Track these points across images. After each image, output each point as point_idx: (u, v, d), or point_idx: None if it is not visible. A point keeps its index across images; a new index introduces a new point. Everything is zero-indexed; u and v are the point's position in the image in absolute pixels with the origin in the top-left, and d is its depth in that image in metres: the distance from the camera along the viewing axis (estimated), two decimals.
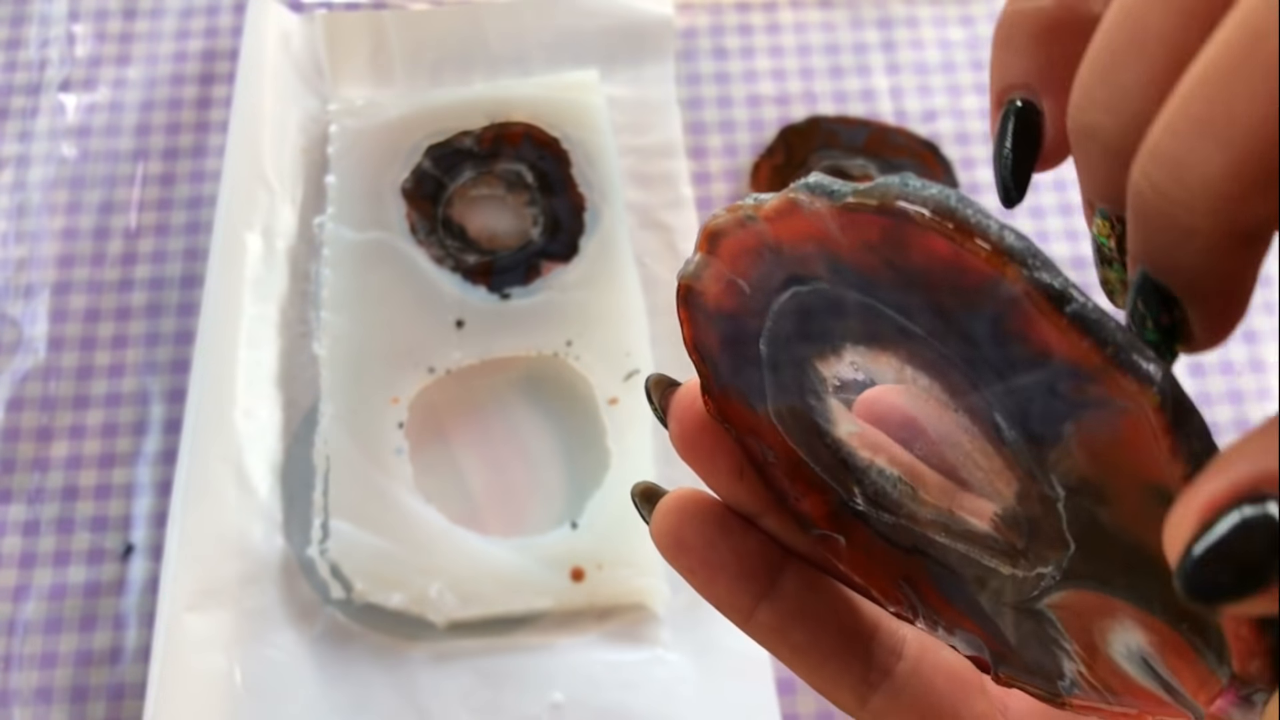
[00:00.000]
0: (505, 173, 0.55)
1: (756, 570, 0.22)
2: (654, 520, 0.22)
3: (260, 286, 0.53)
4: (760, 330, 0.20)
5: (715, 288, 0.20)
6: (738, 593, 0.22)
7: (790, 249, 0.18)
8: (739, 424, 0.22)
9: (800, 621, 0.22)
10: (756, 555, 0.22)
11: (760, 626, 0.22)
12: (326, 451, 0.49)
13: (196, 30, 0.60)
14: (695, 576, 0.22)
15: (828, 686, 0.22)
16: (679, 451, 0.22)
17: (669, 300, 0.53)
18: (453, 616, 0.47)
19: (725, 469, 0.22)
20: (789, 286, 0.19)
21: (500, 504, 0.50)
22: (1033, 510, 0.18)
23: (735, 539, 0.22)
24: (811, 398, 0.20)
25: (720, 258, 0.19)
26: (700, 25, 0.61)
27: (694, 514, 0.22)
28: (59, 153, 0.57)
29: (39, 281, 0.54)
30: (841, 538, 0.22)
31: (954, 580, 0.21)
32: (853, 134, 0.57)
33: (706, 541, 0.22)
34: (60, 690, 0.46)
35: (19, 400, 0.51)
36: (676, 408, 0.22)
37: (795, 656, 0.22)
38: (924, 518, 0.20)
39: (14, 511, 0.49)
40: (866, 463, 0.21)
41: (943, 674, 0.22)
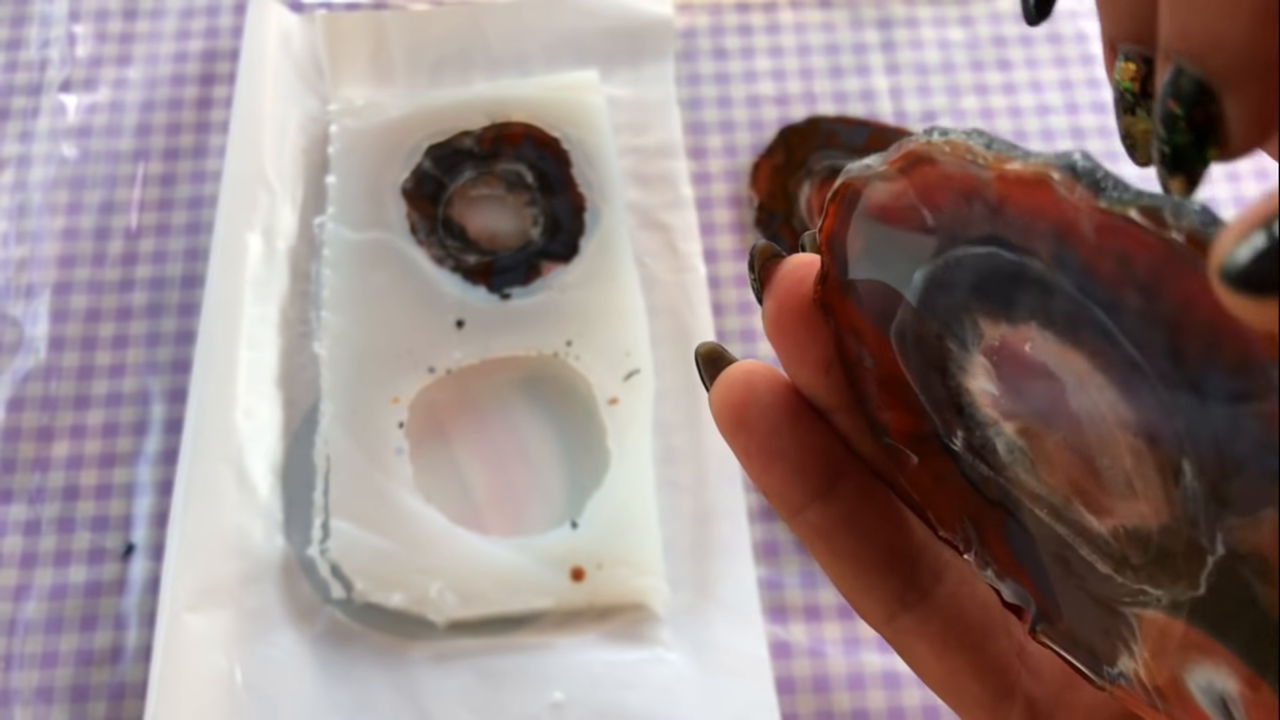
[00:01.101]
0: (505, 173, 0.55)
1: (817, 467, 0.21)
2: (716, 388, 0.21)
3: (261, 286, 0.53)
4: (924, 260, 0.19)
5: (889, 201, 0.19)
6: (792, 486, 0.21)
7: (1015, 216, 0.17)
8: (844, 321, 0.20)
9: (848, 528, 0.21)
10: (820, 452, 0.21)
11: (806, 524, 0.21)
12: (327, 451, 0.49)
13: (197, 30, 0.60)
14: (751, 460, 0.20)
15: (858, 596, 0.21)
16: (770, 329, 0.20)
17: (669, 300, 0.53)
18: (453, 616, 0.47)
19: (814, 359, 0.20)
20: (988, 244, 0.17)
21: (500, 504, 0.50)
22: (1172, 545, 0.17)
23: (802, 430, 0.20)
24: (954, 342, 0.19)
25: (912, 180, 0.18)
26: (700, 25, 0.61)
27: (764, 392, 0.20)
28: (60, 153, 0.57)
29: (40, 281, 0.54)
30: (915, 457, 0.21)
31: (1031, 544, 0.20)
32: (852, 134, 0.57)
33: (771, 426, 0.20)
34: (61, 690, 0.46)
35: (20, 400, 0.52)
36: (781, 281, 0.20)
37: (834, 560, 0.21)
38: (1030, 489, 0.19)
39: (14, 511, 0.49)
40: (988, 420, 0.20)
41: (976, 605, 0.21)
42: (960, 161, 0.17)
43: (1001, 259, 0.17)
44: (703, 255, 0.54)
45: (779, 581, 0.49)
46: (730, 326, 0.54)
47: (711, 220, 0.56)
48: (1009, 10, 0.61)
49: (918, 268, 0.19)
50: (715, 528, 0.49)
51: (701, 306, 0.53)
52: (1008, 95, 0.59)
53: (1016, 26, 0.61)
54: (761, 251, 0.20)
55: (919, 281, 0.19)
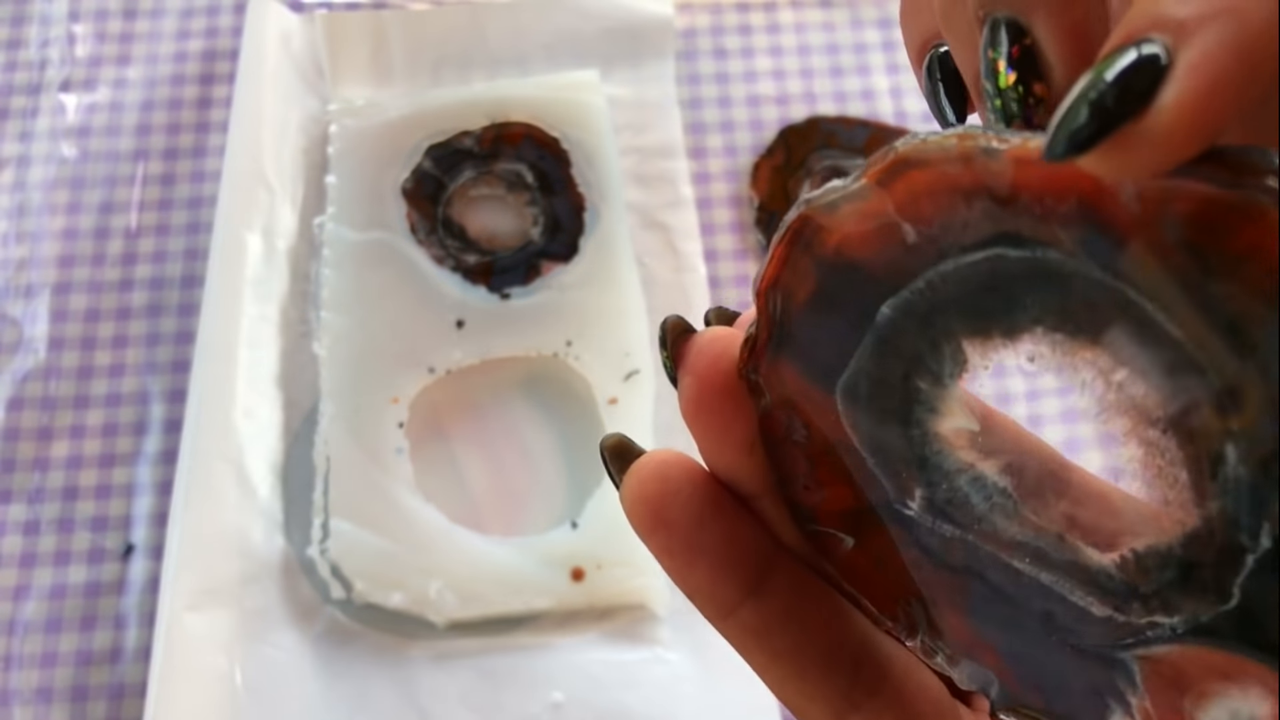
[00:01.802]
0: (505, 173, 0.55)
1: (747, 561, 0.19)
2: (627, 484, 0.19)
3: (260, 286, 0.53)
4: (895, 289, 0.17)
5: (856, 227, 0.17)
6: (722, 584, 0.19)
7: (1030, 202, 0.16)
8: (774, 391, 0.19)
9: (786, 626, 0.19)
10: (748, 544, 0.19)
11: (740, 625, 0.19)
12: (327, 451, 0.49)
13: (197, 30, 0.60)
14: (673, 559, 0.19)
15: (802, 701, 0.19)
16: (689, 409, 0.19)
17: (669, 300, 0.53)
18: (453, 616, 0.47)
19: (737, 439, 0.19)
20: (990, 246, 0.16)
21: (500, 504, 0.50)
22: (1198, 555, 0.16)
23: (727, 521, 0.19)
24: (925, 379, 0.18)
25: (892, 192, 0.17)
26: (700, 25, 0.61)
27: (681, 484, 0.19)
28: (59, 153, 0.57)
29: (39, 281, 0.54)
30: (850, 539, 0.19)
31: (1003, 609, 0.19)
32: (852, 134, 0.57)
33: (693, 519, 0.19)
34: (60, 690, 0.46)
35: (19, 400, 0.51)
36: (699, 356, 0.19)
37: (773, 663, 0.19)
38: (1009, 537, 0.18)
39: (14, 511, 0.49)
40: (960, 466, 0.18)
41: (927, 698, 0.20)
42: (962, 157, 0.16)
43: (1006, 261, 0.16)
44: (703, 255, 0.54)
45: None
46: None
47: (711, 220, 0.56)
48: None
49: (886, 299, 0.18)
50: None
51: (701, 306, 0.53)
52: None
53: None
54: (673, 327, 0.19)
55: (886, 316, 0.18)
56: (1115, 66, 0.14)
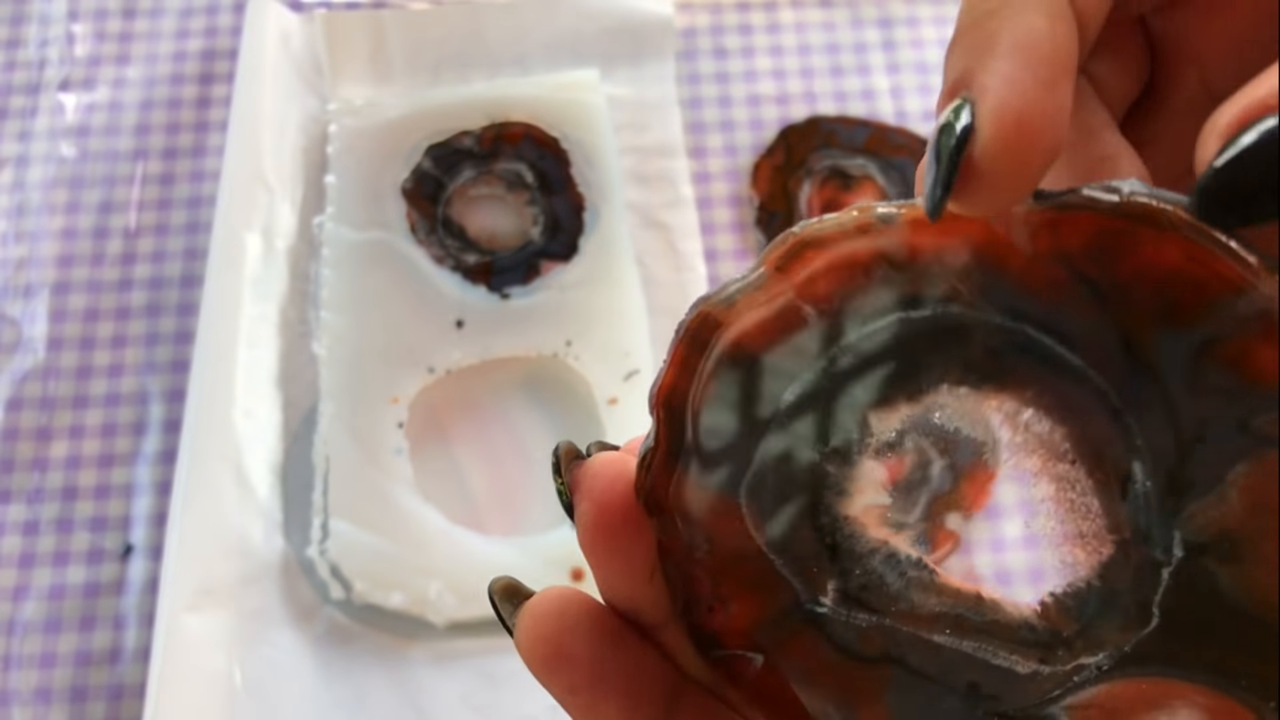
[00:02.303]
0: (505, 172, 0.55)
1: (654, 692, 0.18)
2: (523, 623, 0.18)
3: (260, 286, 0.53)
4: (796, 375, 0.18)
5: (754, 317, 0.17)
6: (631, 714, 0.18)
7: (927, 260, 0.16)
8: (675, 506, 0.18)
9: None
10: (654, 674, 0.18)
11: None
12: (326, 451, 0.49)
13: (196, 30, 0.60)
14: (578, 696, 0.18)
15: None
16: (587, 538, 0.18)
17: (668, 300, 0.53)
18: (453, 617, 0.47)
19: (637, 566, 0.18)
20: (891, 312, 0.17)
21: (500, 504, 0.50)
22: (1116, 581, 0.17)
23: (631, 654, 0.18)
24: (832, 463, 0.18)
25: (790, 275, 0.17)
26: (700, 25, 0.61)
27: (579, 618, 0.18)
28: (58, 152, 0.57)
29: (38, 281, 0.54)
30: (758, 657, 0.19)
31: (923, 693, 0.19)
32: (853, 134, 0.57)
33: (595, 655, 0.18)
34: (60, 690, 0.46)
35: (18, 400, 0.51)
36: (595, 481, 0.18)
37: None
38: (928, 611, 0.18)
39: (13, 511, 0.49)
40: (872, 546, 0.18)
41: None
42: (859, 229, 0.17)
43: (908, 323, 0.17)
44: (703, 255, 0.54)
45: None
46: None
47: (711, 220, 0.56)
48: None
49: (790, 385, 0.18)
50: None
51: None
52: None
53: None
54: (566, 453, 0.19)
55: (790, 401, 0.18)
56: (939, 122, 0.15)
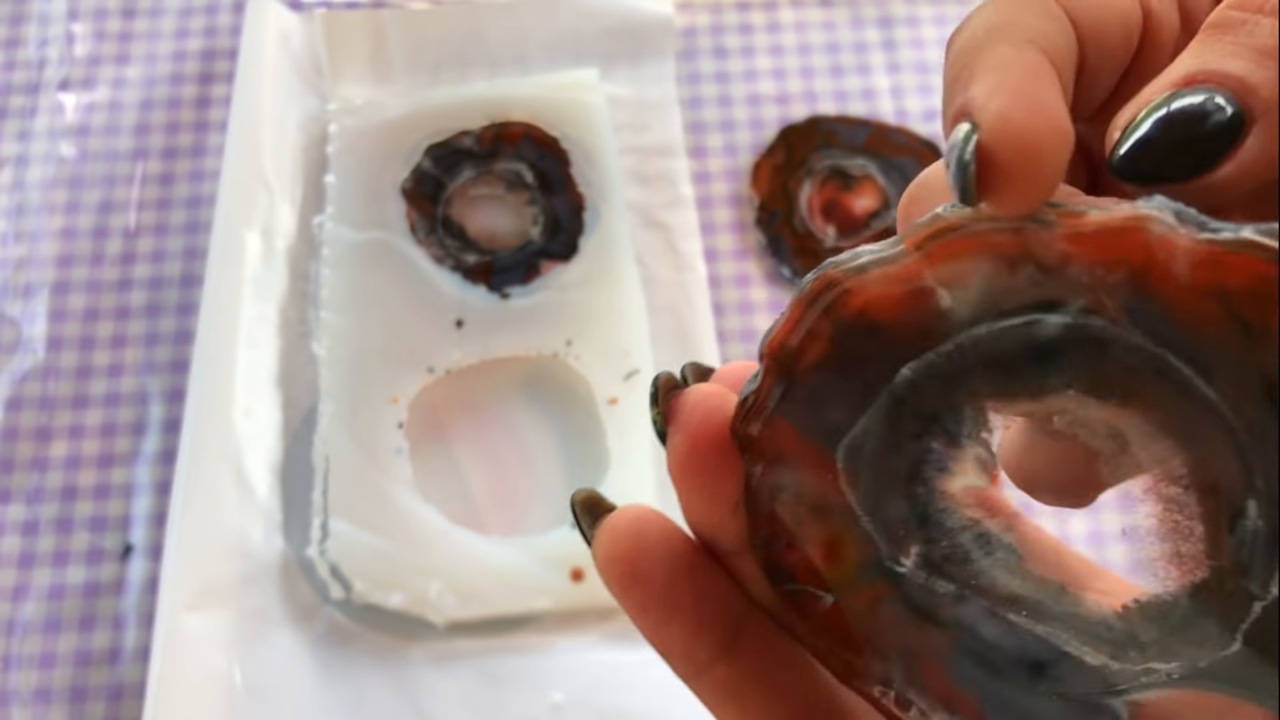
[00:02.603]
0: (505, 172, 0.55)
1: (721, 619, 0.19)
2: (600, 540, 0.19)
3: (260, 286, 0.52)
4: (919, 352, 0.18)
5: (884, 290, 0.17)
6: (695, 643, 0.19)
7: (1078, 270, 0.16)
8: (767, 448, 0.19)
9: (757, 685, 0.19)
10: (722, 602, 0.19)
11: (713, 683, 0.19)
12: (326, 451, 0.49)
13: (196, 29, 0.60)
14: (647, 615, 0.19)
15: None
16: (677, 466, 0.18)
17: (668, 300, 0.53)
18: (452, 616, 0.47)
19: (724, 496, 0.18)
20: (1029, 312, 0.17)
21: (500, 504, 0.50)
22: (1205, 603, 0.17)
23: (702, 579, 0.19)
24: (939, 439, 0.18)
25: (930, 257, 0.17)
26: (700, 24, 0.61)
27: (656, 540, 0.19)
28: (58, 152, 0.57)
29: (38, 281, 0.54)
30: (828, 596, 0.19)
31: (990, 663, 0.19)
32: (853, 133, 0.57)
33: (668, 577, 0.19)
34: (59, 690, 0.46)
35: (18, 400, 0.51)
36: (691, 413, 0.18)
37: (742, 719, 0.19)
38: (1007, 591, 0.18)
39: (13, 511, 0.49)
40: (964, 523, 0.18)
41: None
42: (1012, 226, 0.16)
43: (1044, 326, 0.17)
44: (703, 255, 0.54)
45: None
46: (730, 326, 0.53)
47: (711, 220, 0.56)
48: None
49: (908, 361, 0.18)
50: None
51: (701, 306, 0.53)
52: None
53: None
54: (664, 383, 0.19)
55: (906, 377, 0.18)
56: (948, 146, 0.15)
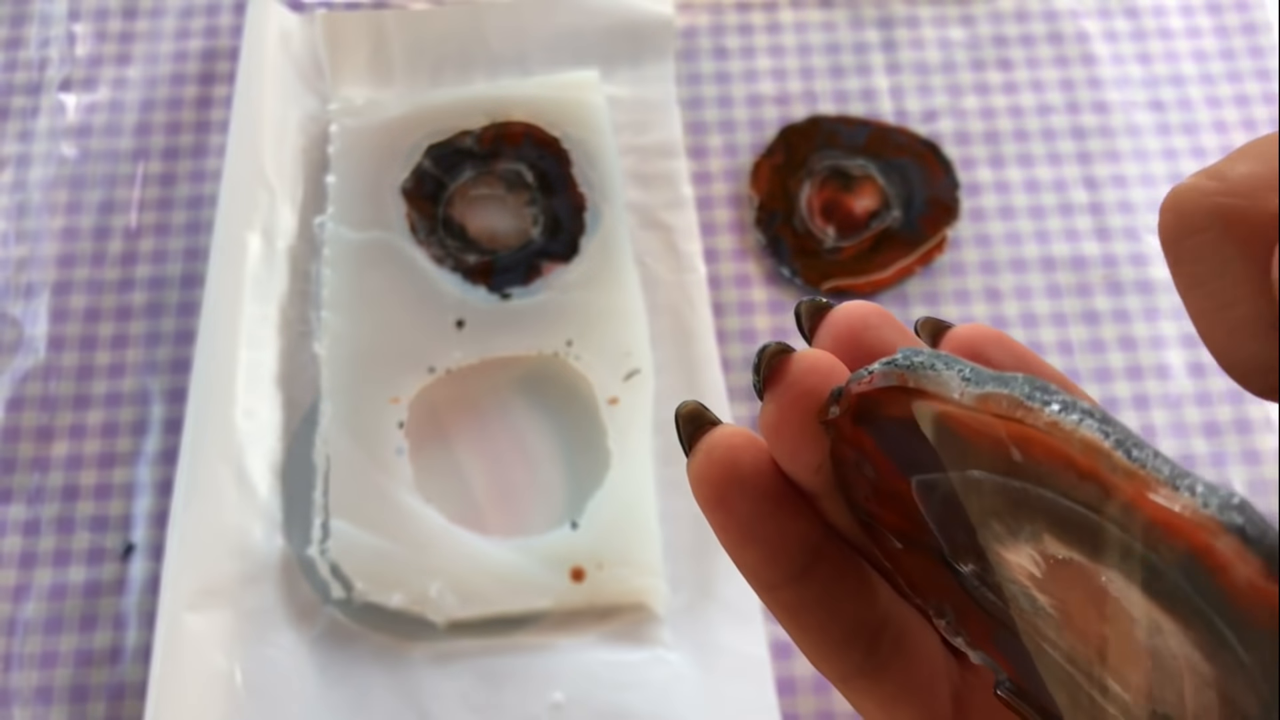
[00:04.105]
0: (505, 172, 0.55)
1: (794, 553, 0.20)
2: (697, 459, 0.20)
3: (260, 286, 0.53)
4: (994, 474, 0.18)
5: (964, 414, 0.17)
6: (768, 568, 0.20)
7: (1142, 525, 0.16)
8: (850, 438, 0.19)
9: (818, 608, 0.21)
10: (798, 538, 0.20)
11: (777, 601, 0.21)
12: (326, 451, 0.49)
13: (197, 30, 0.60)
14: (728, 536, 0.20)
15: (818, 660, 0.21)
16: (767, 435, 0.20)
17: (669, 300, 0.53)
18: (453, 616, 0.47)
19: (805, 462, 0.20)
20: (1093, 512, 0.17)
21: (500, 504, 0.50)
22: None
23: (783, 516, 0.20)
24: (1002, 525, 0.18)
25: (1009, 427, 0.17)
26: (700, 25, 0.61)
27: (748, 473, 0.20)
28: (59, 152, 0.57)
29: (39, 281, 0.54)
30: (901, 545, 0.20)
31: (1023, 652, 0.19)
32: (853, 134, 0.57)
33: (752, 509, 0.20)
34: (60, 690, 0.46)
35: (19, 400, 0.51)
36: (788, 388, 0.19)
37: (799, 633, 0.21)
38: (1045, 636, 0.19)
39: (14, 511, 0.49)
40: (1014, 580, 0.18)
41: (925, 671, 0.22)
42: (1085, 450, 0.16)
43: (1107, 533, 0.16)
44: (703, 255, 0.54)
45: None
46: (730, 326, 0.53)
47: (712, 220, 0.56)
48: (1010, 9, 0.61)
49: (985, 472, 0.18)
50: None
51: (702, 306, 0.53)
52: (1008, 95, 0.59)
53: (1018, 26, 0.61)
54: (771, 355, 0.20)
55: (978, 477, 0.18)
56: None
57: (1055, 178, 0.57)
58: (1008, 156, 0.57)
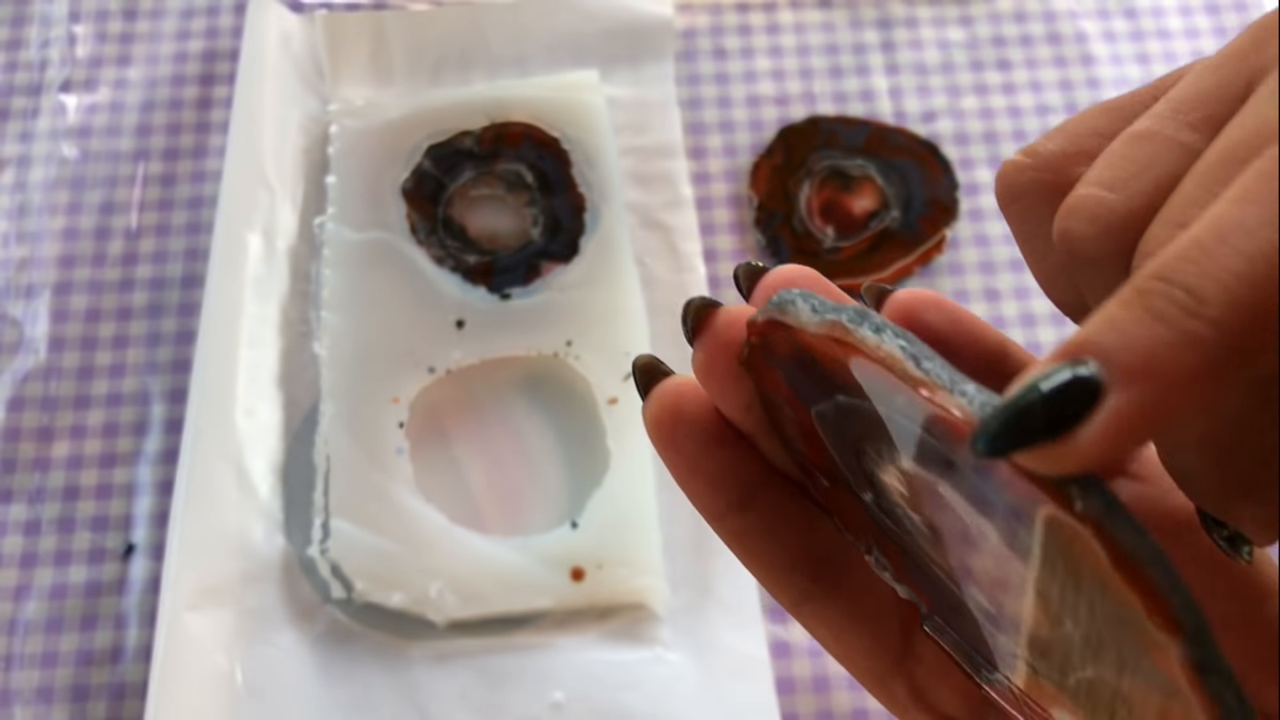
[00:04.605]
0: (505, 173, 0.56)
1: (733, 484, 0.23)
2: (649, 404, 0.23)
3: (261, 286, 0.53)
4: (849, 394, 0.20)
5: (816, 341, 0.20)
6: (713, 499, 0.23)
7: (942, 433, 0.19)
8: (767, 380, 0.22)
9: (761, 536, 0.23)
10: (738, 472, 0.23)
11: (725, 529, 0.23)
12: (327, 451, 0.49)
13: (197, 31, 0.60)
14: (676, 470, 0.23)
15: (769, 587, 0.24)
16: (699, 377, 0.23)
17: (669, 299, 0.53)
18: (453, 616, 0.47)
19: (736, 403, 0.22)
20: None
21: (500, 504, 0.50)
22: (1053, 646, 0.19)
23: (725, 452, 0.23)
24: (873, 448, 0.21)
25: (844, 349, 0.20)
26: (700, 25, 0.61)
27: (691, 415, 0.23)
28: (60, 153, 0.57)
29: (40, 281, 0.54)
30: (827, 482, 0.23)
31: (927, 576, 0.22)
32: (852, 134, 0.57)
33: (695, 447, 0.23)
34: (61, 690, 0.46)
35: (20, 400, 0.52)
36: (713, 336, 0.22)
37: (748, 558, 0.24)
38: (930, 556, 0.21)
39: (15, 511, 0.49)
40: (897, 502, 0.21)
41: (872, 599, 0.24)
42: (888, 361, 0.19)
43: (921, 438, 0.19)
44: (702, 255, 0.54)
45: None
46: None
47: (711, 220, 0.56)
48: (1009, 10, 0.61)
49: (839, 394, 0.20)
50: None
51: None
52: (1008, 95, 0.59)
53: (1017, 26, 0.61)
54: (696, 309, 0.22)
55: (844, 402, 0.20)
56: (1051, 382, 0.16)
57: None
58: (1007, 157, 0.57)
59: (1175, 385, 0.16)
